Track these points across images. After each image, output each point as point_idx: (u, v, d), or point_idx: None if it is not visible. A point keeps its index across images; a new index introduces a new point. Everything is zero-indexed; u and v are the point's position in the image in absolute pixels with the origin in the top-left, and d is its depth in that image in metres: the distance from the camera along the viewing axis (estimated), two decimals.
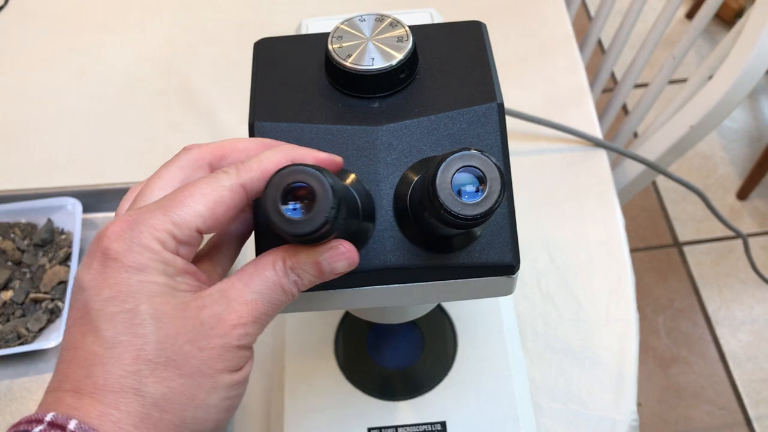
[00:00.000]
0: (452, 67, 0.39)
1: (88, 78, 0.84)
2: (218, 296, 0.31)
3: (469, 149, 0.30)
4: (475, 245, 0.35)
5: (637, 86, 1.06)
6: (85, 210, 0.70)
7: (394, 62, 0.36)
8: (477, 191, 0.30)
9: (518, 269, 0.36)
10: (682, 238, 1.67)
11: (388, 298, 0.37)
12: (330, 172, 0.30)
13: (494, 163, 0.30)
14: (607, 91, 1.07)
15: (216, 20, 0.89)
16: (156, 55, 0.86)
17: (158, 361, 0.29)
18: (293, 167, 0.29)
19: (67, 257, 0.68)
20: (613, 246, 0.69)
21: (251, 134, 0.37)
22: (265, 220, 0.34)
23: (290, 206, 0.29)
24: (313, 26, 0.50)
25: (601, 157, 0.75)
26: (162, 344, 0.29)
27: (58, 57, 0.86)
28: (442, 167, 0.30)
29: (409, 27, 0.38)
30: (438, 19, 0.50)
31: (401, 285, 0.36)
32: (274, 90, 0.38)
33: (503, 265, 0.35)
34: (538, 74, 0.81)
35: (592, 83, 1.00)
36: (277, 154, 0.32)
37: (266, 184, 0.29)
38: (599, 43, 1.91)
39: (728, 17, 2.04)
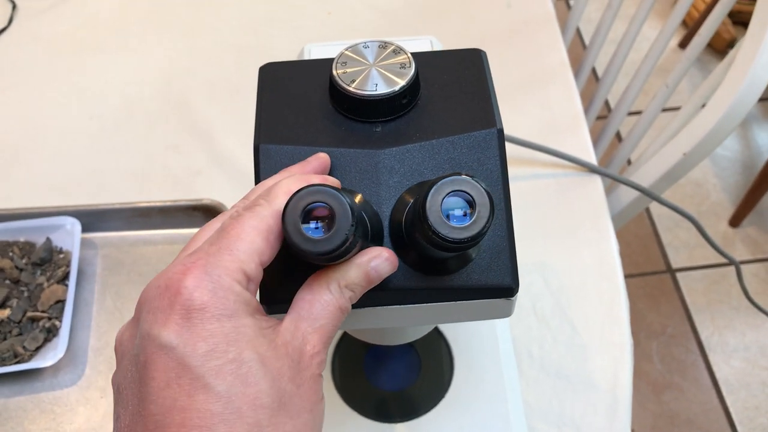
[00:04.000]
0: (453, 93, 0.39)
1: (88, 99, 0.85)
2: (294, 330, 0.31)
3: (459, 174, 0.31)
4: (474, 267, 0.36)
5: (631, 114, 1.07)
6: (84, 229, 0.71)
7: (396, 88, 0.37)
8: (466, 215, 0.31)
9: (517, 291, 0.37)
10: (675, 264, 1.68)
11: (388, 319, 0.38)
12: (346, 192, 0.31)
13: (484, 189, 0.31)
14: (601, 118, 1.09)
15: (215, 43, 0.90)
16: (154, 77, 0.87)
17: (273, 407, 0.29)
18: (311, 188, 0.30)
19: (65, 276, 0.68)
20: (607, 270, 0.70)
21: (256, 156, 0.37)
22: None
23: (311, 225, 0.30)
24: (315, 51, 0.51)
25: (596, 182, 0.76)
26: (272, 388, 0.29)
27: (58, 78, 0.87)
28: (432, 191, 0.31)
29: (411, 54, 0.39)
30: (437, 47, 0.51)
31: (400, 306, 0.37)
32: (279, 113, 0.39)
33: (502, 288, 0.36)
34: (534, 101, 0.83)
35: (586, 111, 1.02)
36: (294, 180, 0.33)
37: (285, 206, 0.30)
38: (593, 71, 1.94)
39: (720, 47, 2.07)
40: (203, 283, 0.29)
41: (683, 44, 2.10)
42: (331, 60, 0.39)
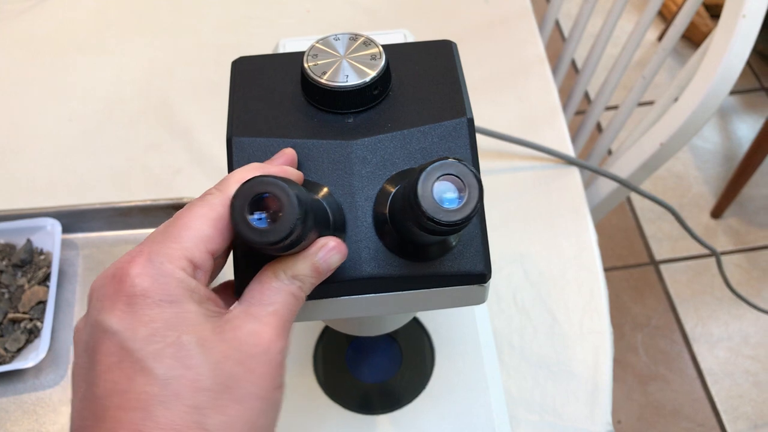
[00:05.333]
0: (424, 84, 0.40)
1: (67, 100, 0.84)
2: (244, 315, 0.31)
3: (447, 158, 0.31)
4: (448, 256, 0.36)
5: (609, 108, 1.08)
6: (65, 230, 0.71)
7: (367, 79, 0.38)
8: (457, 198, 0.31)
9: (489, 278, 0.37)
10: (658, 256, 1.70)
11: (365, 307, 0.38)
12: (296, 183, 0.31)
13: (471, 171, 0.31)
14: (580, 113, 1.10)
15: (194, 43, 0.90)
16: (134, 77, 0.87)
17: (216, 390, 0.29)
18: (259, 178, 0.30)
19: (46, 277, 0.68)
20: (586, 260, 0.70)
21: (229, 149, 0.38)
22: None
23: (256, 216, 0.30)
24: (290, 46, 0.52)
25: (574, 174, 0.77)
26: (214, 371, 0.29)
27: (37, 80, 0.87)
28: (423, 176, 0.31)
29: (382, 46, 0.40)
30: (411, 39, 0.52)
31: (377, 294, 0.37)
32: (251, 106, 0.39)
33: (475, 274, 0.37)
34: (512, 94, 0.83)
35: (566, 103, 1.03)
36: (249, 169, 0.33)
37: (233, 196, 0.30)
38: (573, 64, 1.95)
39: (699, 40, 2.09)
40: (146, 270, 0.30)
41: (662, 38, 2.12)
42: (302, 53, 0.39)
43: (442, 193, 0.31)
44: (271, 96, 0.40)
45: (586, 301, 0.68)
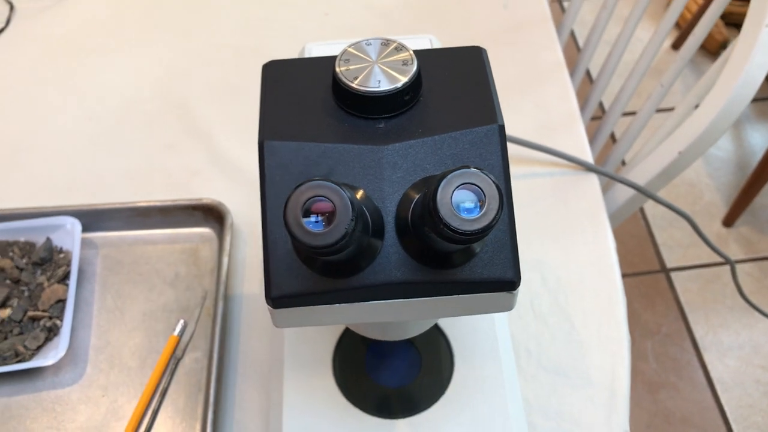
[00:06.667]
0: (455, 90, 0.40)
1: (86, 100, 0.85)
2: None
3: (468, 167, 0.31)
4: (477, 261, 0.36)
5: (625, 114, 1.08)
6: (84, 229, 0.71)
7: (399, 84, 0.38)
8: (476, 208, 0.31)
9: (519, 285, 0.37)
10: (669, 264, 1.69)
11: (391, 313, 0.38)
12: (347, 187, 0.31)
13: (493, 181, 0.31)
14: (595, 119, 1.09)
15: (212, 44, 0.91)
16: (153, 78, 0.87)
17: None
18: (312, 182, 0.30)
19: (66, 276, 0.68)
20: (604, 267, 0.70)
21: (261, 153, 0.38)
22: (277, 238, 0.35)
23: (312, 219, 0.30)
24: (316, 50, 0.52)
25: (592, 181, 0.77)
26: None
27: (56, 79, 0.87)
28: (442, 184, 0.31)
29: (413, 51, 0.40)
30: (437, 45, 0.52)
31: (404, 300, 0.37)
32: (282, 110, 0.39)
33: (505, 281, 0.37)
34: (531, 100, 0.83)
35: (580, 111, 1.03)
36: None
37: (287, 200, 0.30)
38: (587, 73, 1.95)
39: (713, 48, 2.09)
40: None
41: (676, 45, 2.11)
42: (333, 57, 0.39)
43: (461, 202, 0.31)
44: (302, 100, 0.40)
45: (603, 308, 0.68)
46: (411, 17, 0.93)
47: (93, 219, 0.72)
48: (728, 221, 1.73)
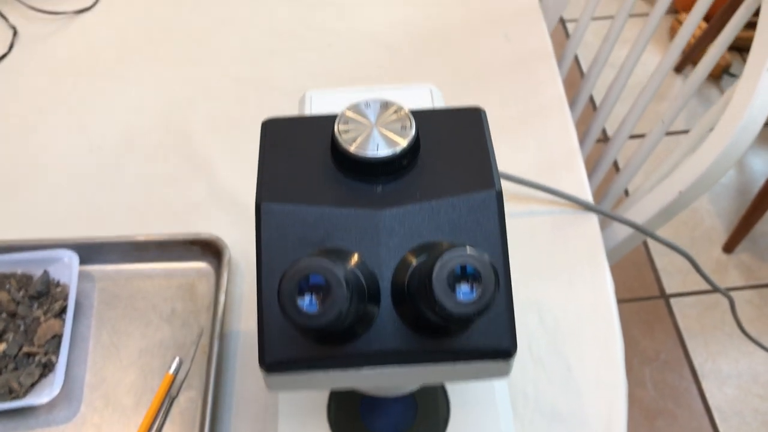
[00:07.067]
0: (453, 153, 0.40)
1: (88, 129, 0.85)
2: None
3: (464, 247, 0.31)
4: (473, 330, 0.36)
5: (633, 137, 1.08)
6: (81, 262, 0.71)
7: (398, 150, 0.38)
8: (472, 289, 0.31)
9: (515, 353, 0.37)
10: (668, 290, 1.69)
11: (385, 378, 0.38)
12: (341, 261, 0.31)
13: (489, 262, 0.31)
14: (599, 141, 1.09)
15: (216, 75, 0.91)
16: (155, 107, 0.87)
17: None
18: (306, 260, 0.30)
19: (63, 310, 0.68)
20: (602, 309, 0.70)
21: (257, 215, 0.38)
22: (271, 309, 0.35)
23: (306, 299, 0.30)
24: (316, 99, 0.52)
25: (592, 220, 0.76)
26: None
27: (58, 107, 0.87)
28: (438, 266, 0.31)
29: (412, 111, 0.40)
30: (437, 96, 0.52)
31: (399, 367, 0.37)
32: (280, 170, 0.39)
33: (500, 350, 0.36)
34: (530, 136, 0.83)
35: (583, 138, 1.03)
36: None
37: (281, 278, 0.30)
38: (591, 99, 1.95)
39: (716, 72, 2.09)
40: None
41: (678, 68, 2.12)
42: (333, 117, 0.39)
43: (456, 283, 0.31)
44: (300, 161, 0.40)
45: (601, 351, 0.67)
46: (413, 50, 0.93)
47: (91, 252, 0.72)
48: (728, 247, 1.73)
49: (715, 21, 1.89)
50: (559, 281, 0.72)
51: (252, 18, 0.97)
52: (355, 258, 0.36)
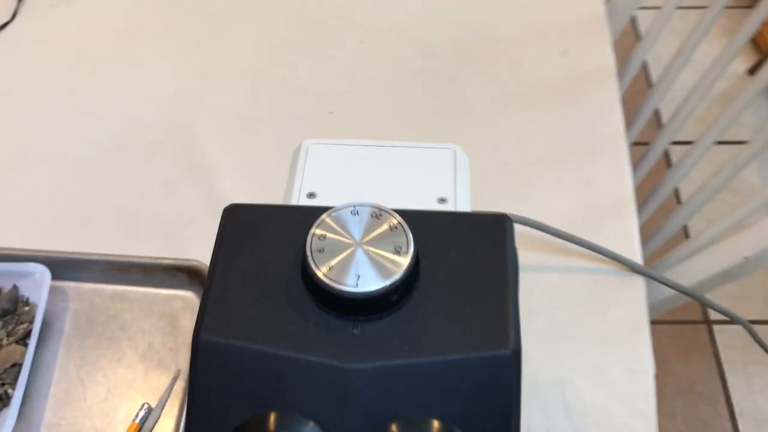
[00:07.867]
0: (461, 283, 0.30)
1: (84, 117, 0.77)
2: None
3: None
4: None
5: (684, 143, 0.95)
6: (56, 276, 0.63)
7: (386, 284, 0.28)
8: None
9: None
10: (713, 315, 1.57)
11: None
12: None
13: None
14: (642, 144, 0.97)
15: (229, 67, 0.81)
16: (159, 98, 0.78)
17: None
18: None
19: (27, 335, 0.61)
20: (638, 399, 0.60)
21: (194, 351, 0.29)
22: None
23: None
24: (313, 150, 0.42)
25: (638, 284, 0.66)
26: None
27: (56, 84, 0.79)
28: None
29: (415, 214, 0.30)
30: (462, 161, 0.42)
31: None
32: (234, 286, 0.30)
33: None
34: (579, 174, 0.72)
35: (637, 164, 0.91)
36: None
37: None
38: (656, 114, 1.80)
39: None
40: None
41: (753, 70, 1.95)
42: (313, 211, 0.30)
43: None
44: (262, 272, 0.31)
45: None
46: (454, 54, 0.82)
47: (66, 268, 0.64)
48: None
49: None
50: (592, 356, 0.62)
51: (277, 3, 0.87)
52: (309, 426, 0.27)
